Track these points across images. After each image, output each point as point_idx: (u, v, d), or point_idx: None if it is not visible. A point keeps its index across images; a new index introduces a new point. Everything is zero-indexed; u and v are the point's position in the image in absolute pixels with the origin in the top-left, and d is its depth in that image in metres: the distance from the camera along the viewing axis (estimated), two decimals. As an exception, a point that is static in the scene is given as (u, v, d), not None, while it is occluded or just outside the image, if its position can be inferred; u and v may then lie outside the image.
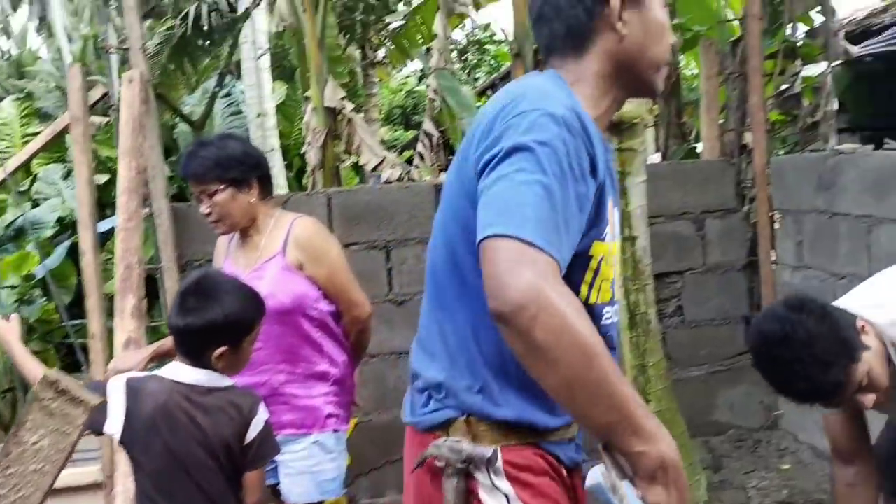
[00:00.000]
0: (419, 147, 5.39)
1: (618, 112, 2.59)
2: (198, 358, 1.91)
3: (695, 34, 4.57)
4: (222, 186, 2.21)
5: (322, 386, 2.26)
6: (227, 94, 10.25)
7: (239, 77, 9.93)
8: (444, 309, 1.35)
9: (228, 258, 2.35)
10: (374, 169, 5.43)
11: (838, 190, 3.40)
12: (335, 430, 2.28)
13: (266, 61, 9.45)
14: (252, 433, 1.90)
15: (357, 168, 8.30)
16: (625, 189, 2.89)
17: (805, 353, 1.79)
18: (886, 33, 6.47)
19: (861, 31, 6.88)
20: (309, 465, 2.23)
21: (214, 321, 1.87)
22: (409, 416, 1.42)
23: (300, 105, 8.71)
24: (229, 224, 2.26)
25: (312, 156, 5.22)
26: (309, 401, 2.24)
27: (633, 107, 2.84)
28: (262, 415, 1.94)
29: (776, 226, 3.99)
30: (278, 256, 2.23)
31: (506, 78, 6.92)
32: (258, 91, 9.45)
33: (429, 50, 7.56)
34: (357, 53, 10.37)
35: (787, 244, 3.83)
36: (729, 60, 4.33)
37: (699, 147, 5.57)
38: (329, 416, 2.26)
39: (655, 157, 6.28)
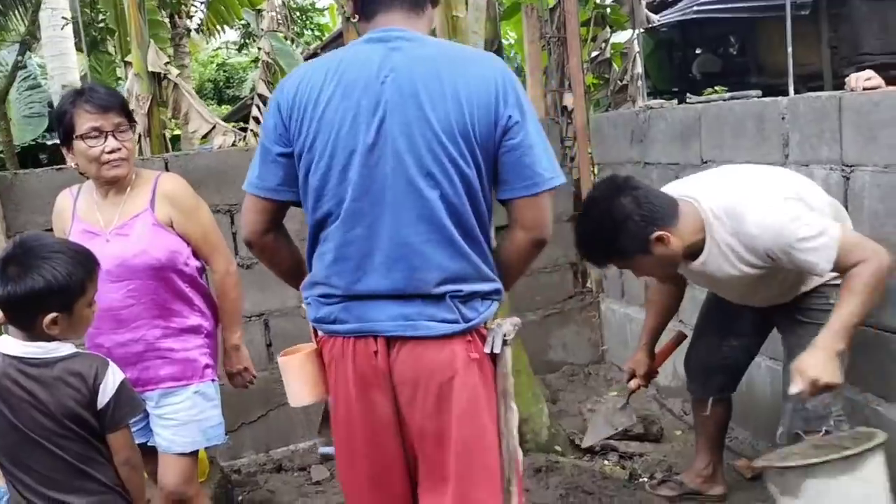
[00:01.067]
0: (254, 111, 5.32)
1: None
2: (29, 328, 1.84)
3: (515, 1, 4.83)
4: (130, 124, 2.18)
5: (197, 338, 2.28)
6: (23, 67, 9.48)
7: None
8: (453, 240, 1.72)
9: (76, 219, 2.28)
10: (205, 137, 5.30)
11: (649, 142, 3.78)
12: (213, 380, 2.31)
13: (69, 30, 8.82)
14: (103, 398, 1.87)
15: (175, 139, 7.98)
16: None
17: (601, 219, 2.24)
18: (681, 3, 7.14)
19: (661, 1, 7.54)
20: (193, 415, 2.25)
21: (34, 288, 1.79)
22: (427, 325, 1.72)
23: (113, 74, 8.22)
24: (128, 166, 2.21)
25: (138, 123, 5.00)
26: (186, 353, 2.25)
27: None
28: (112, 377, 1.89)
29: (597, 178, 4.36)
30: (146, 213, 2.20)
31: (336, 40, 6.90)
32: (61, 61, 8.82)
33: (259, 12, 7.40)
34: (167, 22, 9.90)
35: (607, 194, 4.19)
36: (548, 27, 4.62)
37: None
38: (206, 366, 2.29)
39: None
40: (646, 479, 3.02)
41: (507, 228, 1.81)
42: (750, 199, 2.25)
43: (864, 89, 2.67)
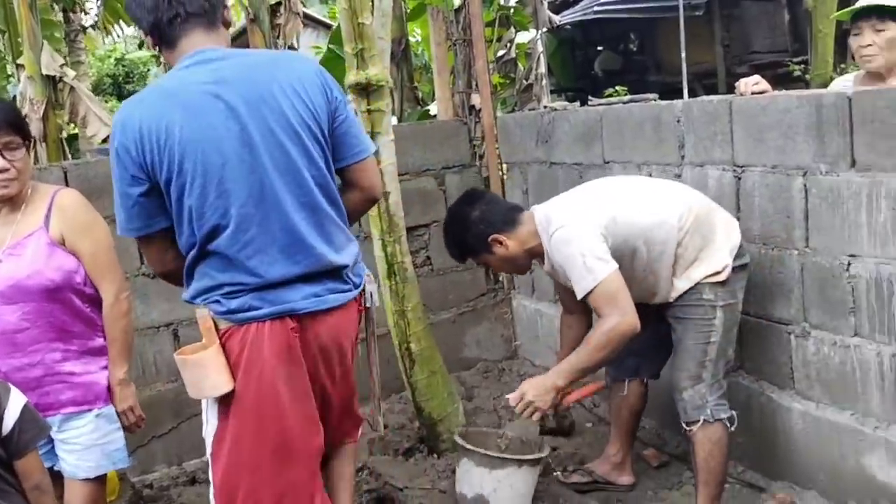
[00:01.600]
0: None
1: (365, 76, 2.93)
2: None
3: (421, 2, 4.86)
4: (21, 140, 2.08)
5: (100, 360, 2.21)
6: None
7: None
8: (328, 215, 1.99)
9: None
10: (105, 140, 5.11)
11: (554, 142, 3.88)
12: (116, 402, 2.25)
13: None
14: (7, 425, 1.82)
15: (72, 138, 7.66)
16: (376, 148, 3.07)
17: (455, 224, 2.78)
18: (582, 3, 7.33)
19: (562, 1, 7.72)
20: (96, 439, 2.18)
21: None
22: (333, 297, 1.99)
23: (3, 73, 7.81)
24: (20, 185, 2.11)
25: (33, 128, 4.78)
26: (88, 376, 2.19)
27: (378, 71, 3.01)
28: (14, 402, 1.84)
29: (505, 177, 4.44)
30: (40, 231, 2.11)
31: (239, 37, 6.75)
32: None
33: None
34: (61, 20, 9.47)
35: (516, 192, 4.28)
36: (454, 27, 4.66)
37: (432, 109, 5.95)
38: (109, 388, 2.22)
39: (392, 121, 6.58)
40: (559, 472, 3.11)
41: (344, 193, 2.10)
42: (562, 219, 2.59)
43: (753, 94, 2.82)
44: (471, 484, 2.56)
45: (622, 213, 2.57)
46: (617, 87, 4.89)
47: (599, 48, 7.67)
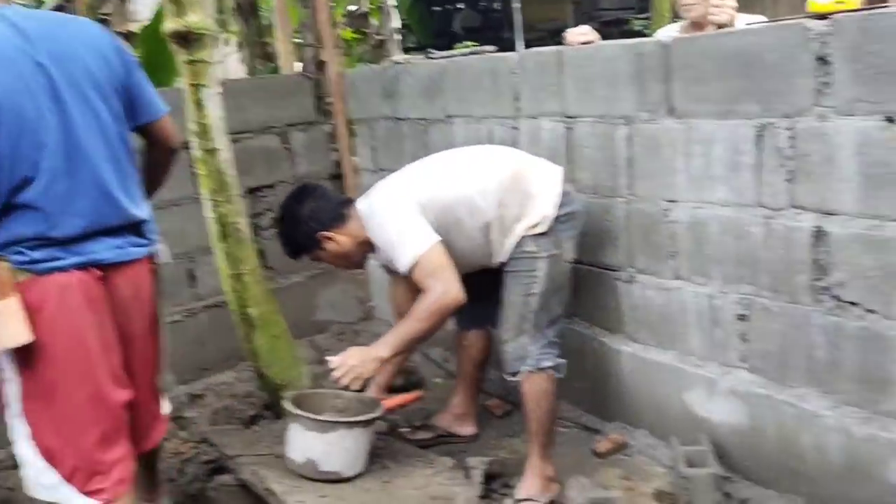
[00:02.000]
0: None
1: (184, 23, 2.75)
2: None
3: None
4: None
5: None
6: None
7: None
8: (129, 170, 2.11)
9: None
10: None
11: (399, 97, 3.81)
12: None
13: None
14: None
15: None
16: (200, 102, 2.91)
17: (286, 222, 2.74)
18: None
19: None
20: None
21: None
22: (134, 251, 2.09)
23: None
24: None
25: None
26: None
27: (199, 18, 2.83)
28: None
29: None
30: None
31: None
32: None
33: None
34: None
35: (365, 150, 4.20)
36: (297, -20, 4.49)
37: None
38: None
39: (223, 73, 6.32)
40: (405, 429, 3.10)
41: (148, 151, 2.28)
42: (377, 205, 2.61)
43: (580, 44, 2.84)
44: (301, 448, 2.50)
45: (441, 184, 2.58)
46: (466, 42, 4.86)
47: (460, 5, 7.66)
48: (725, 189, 2.44)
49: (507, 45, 6.88)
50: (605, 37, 2.97)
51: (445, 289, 2.43)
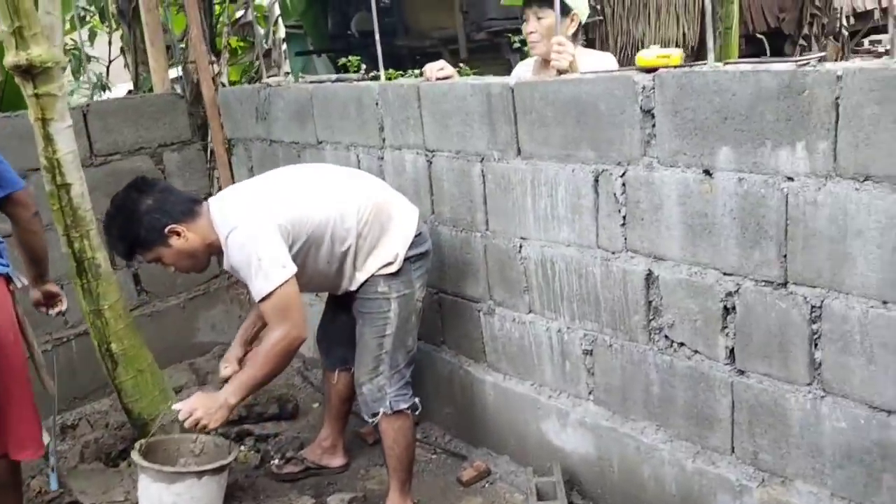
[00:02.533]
0: None
1: (26, 56, 2.65)
2: None
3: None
4: None
5: None
6: None
7: None
8: None
9: None
10: None
11: (272, 119, 3.77)
12: None
13: None
14: None
15: None
16: (50, 136, 2.81)
17: (122, 214, 2.52)
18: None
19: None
20: None
21: None
22: None
23: None
24: None
25: None
26: None
27: (44, 50, 2.73)
28: None
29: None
30: None
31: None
32: None
33: None
34: None
35: (242, 171, 4.13)
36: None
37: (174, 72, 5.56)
38: None
39: (127, 87, 6.12)
40: (273, 463, 3.09)
41: (12, 224, 2.60)
42: (238, 217, 2.48)
43: (438, 79, 2.86)
44: (150, 499, 2.47)
45: (305, 207, 2.52)
46: (350, 58, 4.82)
47: (356, 7, 7.56)
48: (569, 230, 2.51)
49: (398, 53, 6.83)
50: (494, 49, 3.01)
51: (291, 329, 2.40)
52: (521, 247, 2.69)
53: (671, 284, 2.26)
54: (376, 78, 3.30)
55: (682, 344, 2.28)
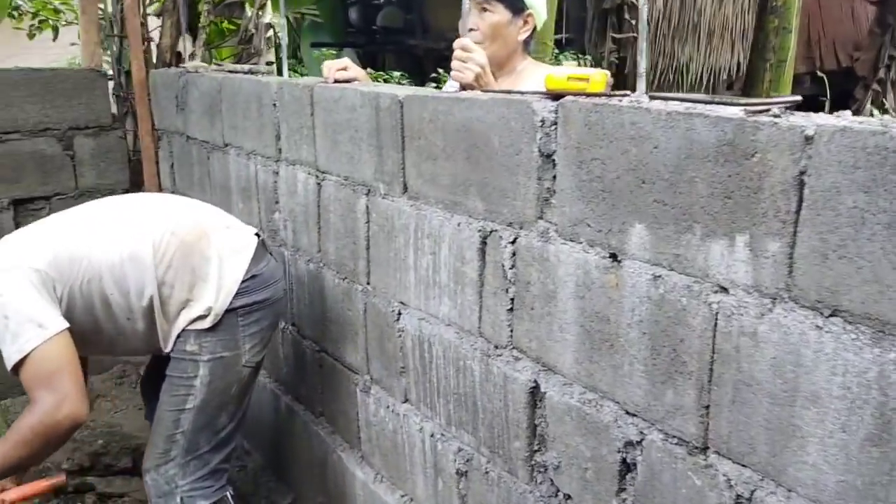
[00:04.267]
0: None
1: None
2: None
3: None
4: None
5: None
6: None
7: None
8: None
9: None
10: None
11: (189, 111, 3.17)
12: None
13: None
14: None
15: None
16: None
17: None
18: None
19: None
20: None
21: None
22: None
23: None
24: None
25: None
26: None
27: None
28: None
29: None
30: None
31: None
32: None
33: None
34: None
35: (166, 166, 3.55)
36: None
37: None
38: None
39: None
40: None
41: None
42: None
43: (337, 81, 2.21)
44: None
45: (78, 247, 1.92)
46: (324, 50, 4.21)
47: (381, 1, 6.98)
48: (450, 304, 1.81)
49: (417, 55, 6.25)
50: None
51: (57, 403, 1.79)
52: (399, 314, 2.01)
53: (560, 409, 1.55)
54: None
55: (568, 497, 1.56)
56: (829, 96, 6.11)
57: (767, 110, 1.11)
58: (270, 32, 4.95)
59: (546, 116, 1.47)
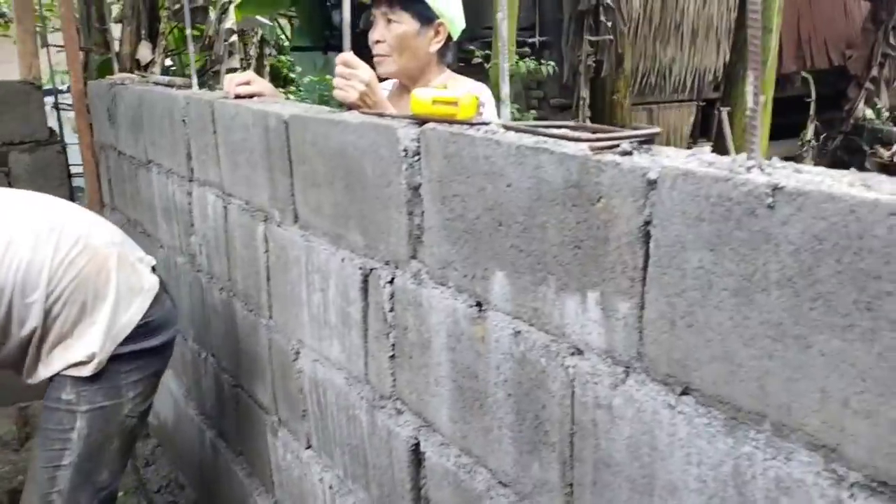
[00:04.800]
0: None
1: None
2: None
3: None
4: None
5: None
6: None
7: None
8: None
9: None
10: None
11: (118, 125, 3.02)
12: None
13: None
14: None
15: None
16: None
17: None
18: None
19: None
20: None
21: None
22: None
23: None
24: None
25: None
26: None
27: None
28: None
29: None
30: None
31: None
32: None
33: None
34: None
35: (105, 181, 3.41)
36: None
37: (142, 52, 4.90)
38: None
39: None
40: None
41: None
42: None
43: (238, 97, 2.04)
44: None
45: None
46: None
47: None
48: (339, 346, 1.65)
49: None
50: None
51: None
52: (298, 353, 1.85)
53: (438, 473, 1.38)
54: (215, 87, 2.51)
55: (451, 570, 1.39)
56: (813, 97, 5.87)
57: (616, 146, 0.94)
58: (234, 38, 4.80)
59: (409, 146, 1.30)
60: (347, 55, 1.66)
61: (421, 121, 1.32)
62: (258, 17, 7.32)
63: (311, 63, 7.92)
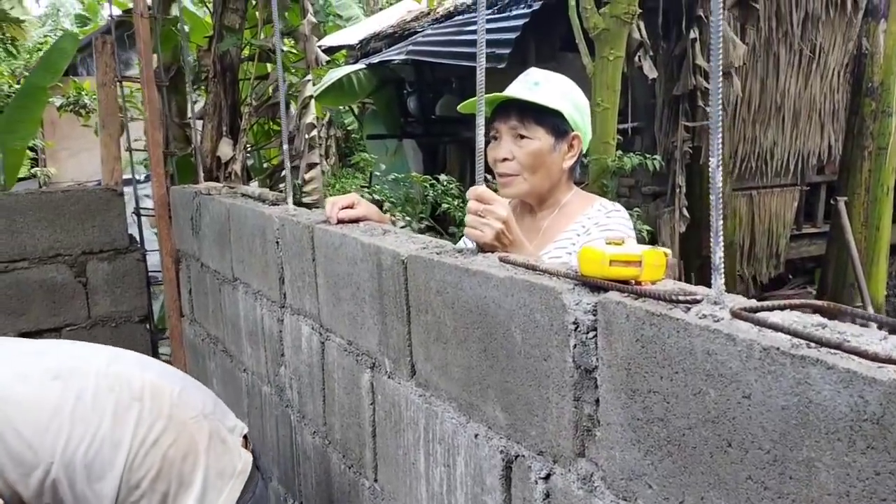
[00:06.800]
0: None
1: None
2: None
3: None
4: None
5: None
6: None
7: None
8: None
9: None
10: None
11: (202, 236, 2.85)
12: None
13: None
14: None
15: None
16: None
17: None
18: (407, 42, 6.35)
19: (389, 35, 6.72)
20: None
21: None
22: None
23: None
24: None
25: None
26: None
27: None
28: None
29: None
30: None
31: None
32: None
33: None
34: None
35: (185, 292, 3.24)
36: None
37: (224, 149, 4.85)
38: None
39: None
40: None
41: None
42: None
43: (340, 221, 1.82)
44: None
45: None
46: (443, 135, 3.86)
47: (439, 90, 6.71)
48: (468, 539, 1.35)
49: (470, 145, 5.78)
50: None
51: None
52: (412, 530, 1.55)
53: None
54: (300, 203, 2.31)
55: None
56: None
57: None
58: (314, 132, 4.70)
59: (581, 318, 1.03)
60: (481, 189, 1.41)
61: (593, 285, 1.04)
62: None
63: (382, 148, 7.88)
